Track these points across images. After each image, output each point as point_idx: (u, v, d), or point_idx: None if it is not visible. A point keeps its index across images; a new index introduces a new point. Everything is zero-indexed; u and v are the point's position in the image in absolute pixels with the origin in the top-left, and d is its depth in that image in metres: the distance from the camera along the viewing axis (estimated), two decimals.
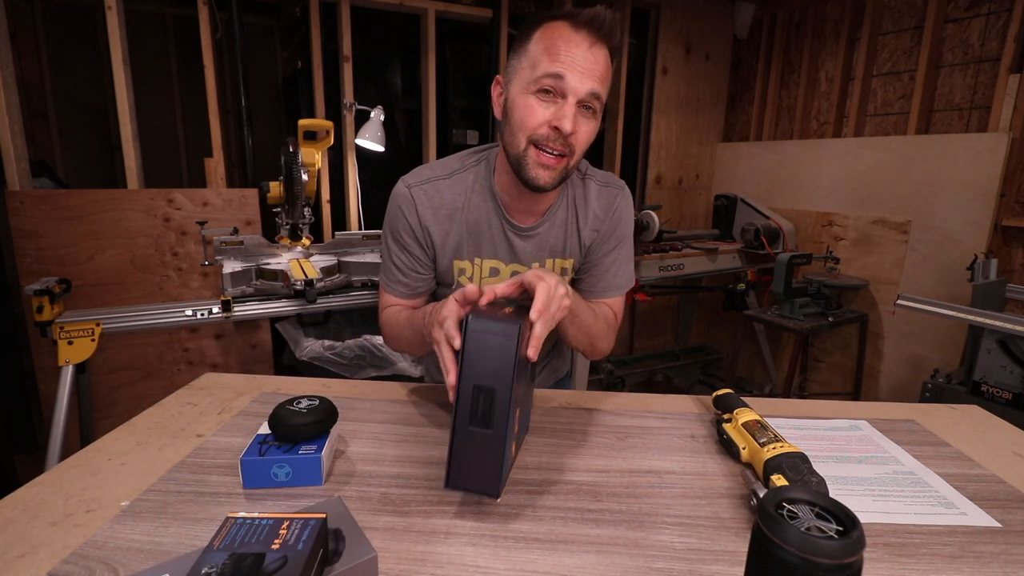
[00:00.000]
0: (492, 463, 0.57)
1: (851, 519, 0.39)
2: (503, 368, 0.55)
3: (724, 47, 3.18)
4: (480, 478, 0.57)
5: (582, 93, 0.74)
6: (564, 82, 0.74)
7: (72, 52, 2.90)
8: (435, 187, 0.89)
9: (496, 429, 0.56)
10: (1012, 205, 2.10)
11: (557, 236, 0.93)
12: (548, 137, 0.77)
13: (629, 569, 0.53)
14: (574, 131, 0.76)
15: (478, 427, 0.56)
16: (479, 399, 0.56)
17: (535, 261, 0.93)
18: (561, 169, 0.80)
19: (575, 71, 0.73)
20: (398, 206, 0.90)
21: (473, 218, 0.90)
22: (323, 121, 1.94)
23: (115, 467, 0.68)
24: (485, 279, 0.93)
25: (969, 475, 0.72)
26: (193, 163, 3.30)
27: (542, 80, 0.74)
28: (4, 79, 1.81)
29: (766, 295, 2.87)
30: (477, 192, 0.90)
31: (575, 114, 0.75)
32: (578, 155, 0.80)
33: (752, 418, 0.73)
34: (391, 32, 2.65)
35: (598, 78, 0.74)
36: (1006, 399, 1.75)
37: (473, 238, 0.91)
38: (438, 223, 0.90)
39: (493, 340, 0.56)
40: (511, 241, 0.91)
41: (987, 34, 2.16)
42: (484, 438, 0.56)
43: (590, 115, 0.77)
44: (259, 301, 1.68)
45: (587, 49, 0.74)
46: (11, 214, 1.82)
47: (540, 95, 0.76)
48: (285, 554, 0.43)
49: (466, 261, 0.92)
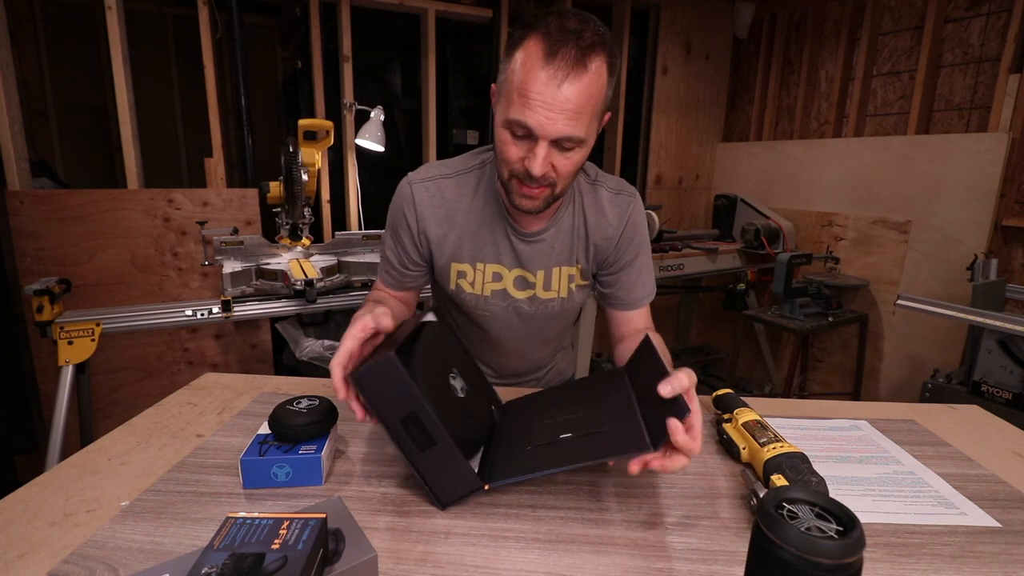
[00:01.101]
0: (459, 466, 0.60)
1: (851, 519, 0.39)
2: (408, 394, 0.58)
3: (724, 47, 3.18)
4: (460, 483, 0.61)
5: (552, 137, 0.71)
6: (532, 130, 0.71)
7: (72, 52, 2.90)
8: (437, 186, 0.89)
9: (440, 443, 0.59)
10: (1012, 205, 2.10)
11: (564, 243, 0.91)
12: (524, 174, 0.75)
13: (629, 569, 0.53)
14: (544, 173, 0.74)
15: (426, 448, 0.59)
16: (410, 428, 0.59)
17: (540, 268, 0.91)
18: (545, 197, 0.78)
19: (545, 116, 0.69)
20: (399, 202, 0.90)
21: (476, 220, 0.89)
22: (323, 121, 1.94)
23: (115, 467, 0.68)
24: (487, 283, 0.92)
25: (969, 475, 0.72)
26: (193, 163, 3.30)
27: (511, 125, 0.73)
28: (4, 79, 1.81)
29: (766, 295, 2.87)
30: (481, 195, 0.89)
31: (546, 155, 0.72)
32: (563, 183, 0.78)
33: (752, 418, 0.73)
34: (391, 32, 2.65)
35: (573, 117, 0.70)
36: (1006, 399, 1.75)
37: (475, 241, 0.90)
38: (437, 222, 0.89)
39: (382, 380, 0.58)
40: (515, 246, 0.90)
41: (987, 34, 2.16)
42: (438, 453, 0.59)
43: (568, 150, 0.74)
44: (259, 301, 1.68)
45: (557, 88, 0.68)
46: (11, 214, 1.82)
47: (513, 135, 0.74)
48: (285, 554, 0.43)
49: (466, 264, 0.91)
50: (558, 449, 0.63)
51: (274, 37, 3.34)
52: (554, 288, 0.93)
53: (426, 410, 0.58)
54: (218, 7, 2.12)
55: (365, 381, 0.59)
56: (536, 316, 0.95)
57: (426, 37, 2.48)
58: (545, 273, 0.92)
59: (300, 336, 1.98)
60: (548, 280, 0.92)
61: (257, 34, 3.19)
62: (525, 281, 0.92)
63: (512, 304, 0.93)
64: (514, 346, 1.00)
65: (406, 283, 0.96)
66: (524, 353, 1.02)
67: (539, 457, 0.62)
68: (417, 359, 0.63)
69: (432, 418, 0.58)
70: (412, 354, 0.63)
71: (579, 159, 0.76)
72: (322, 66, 2.34)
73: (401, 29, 2.64)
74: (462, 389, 0.70)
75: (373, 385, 0.58)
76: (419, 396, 0.58)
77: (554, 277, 0.92)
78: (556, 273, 0.92)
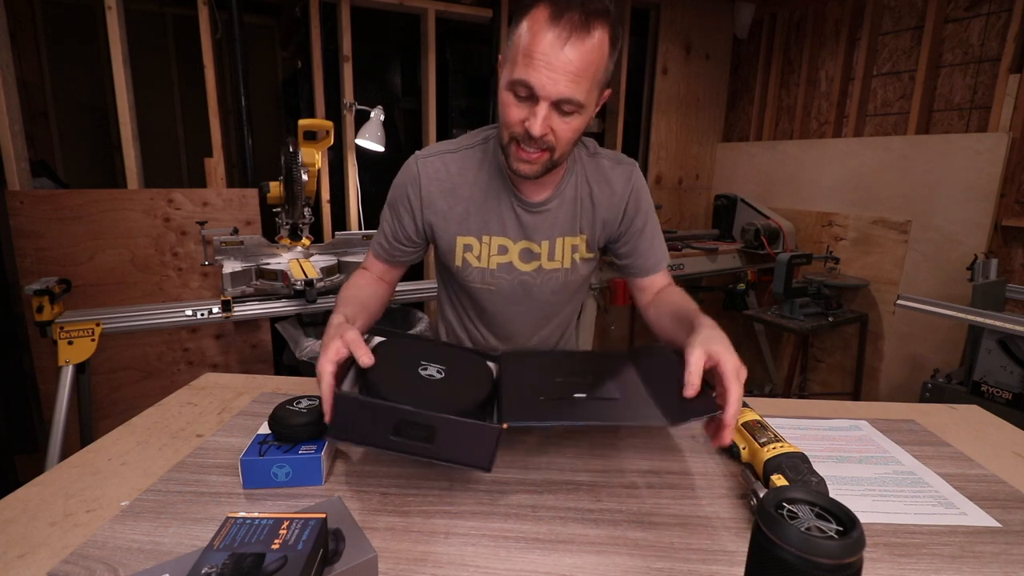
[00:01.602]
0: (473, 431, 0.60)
1: (851, 519, 0.39)
2: (382, 410, 0.59)
3: (724, 47, 3.18)
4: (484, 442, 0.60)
5: (553, 97, 0.73)
6: (534, 89, 0.73)
7: (72, 52, 2.90)
8: (442, 160, 0.92)
9: (439, 424, 0.59)
10: (1012, 205, 2.10)
11: (567, 213, 0.93)
12: (524, 137, 0.77)
13: (629, 569, 0.53)
14: (546, 133, 0.76)
15: (433, 439, 0.60)
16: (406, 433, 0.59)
17: (545, 239, 0.93)
18: (544, 162, 0.80)
19: (547, 76, 0.72)
20: (404, 178, 0.93)
21: (481, 193, 0.91)
22: (323, 121, 1.93)
23: (115, 467, 0.68)
24: (493, 256, 0.93)
25: (969, 475, 0.72)
26: (193, 163, 3.30)
27: (515, 85, 0.75)
28: (4, 79, 1.81)
29: (766, 295, 2.87)
30: (486, 169, 0.91)
31: (546, 116, 0.75)
32: (562, 148, 0.80)
33: (752, 418, 0.73)
34: (391, 32, 2.65)
35: (574, 79, 0.72)
36: (1006, 399, 1.75)
37: (480, 214, 0.91)
38: (442, 195, 0.91)
39: (362, 411, 0.60)
40: (520, 216, 0.91)
41: (987, 34, 2.16)
42: (445, 434, 0.60)
43: (569, 115, 0.76)
44: (259, 301, 1.68)
45: (562, 49, 0.71)
46: (11, 214, 1.82)
47: (516, 95, 0.76)
48: (285, 554, 0.43)
49: (472, 238, 0.92)
50: (573, 406, 0.64)
51: (274, 37, 3.34)
52: (557, 258, 0.94)
53: (404, 410, 0.59)
54: (218, 7, 2.12)
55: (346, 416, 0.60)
56: (541, 288, 0.96)
57: (426, 37, 2.48)
58: (549, 243, 0.93)
59: (300, 336, 1.97)
60: (552, 250, 0.94)
61: (257, 34, 3.19)
62: (530, 253, 0.94)
63: (517, 277, 0.95)
64: (520, 323, 1.00)
65: (395, 257, 0.98)
66: (529, 332, 1.02)
67: (554, 409, 0.64)
68: (376, 378, 0.65)
69: (417, 412, 0.59)
70: (368, 378, 0.65)
71: (578, 126, 0.78)
72: (322, 66, 2.34)
73: (401, 29, 2.65)
74: (439, 371, 0.72)
75: (354, 414, 0.60)
76: (391, 405, 0.59)
77: (558, 247, 0.94)
78: (560, 243, 0.94)
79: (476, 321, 1.02)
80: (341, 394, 0.60)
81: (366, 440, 0.60)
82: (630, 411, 0.64)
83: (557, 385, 0.71)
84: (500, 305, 0.98)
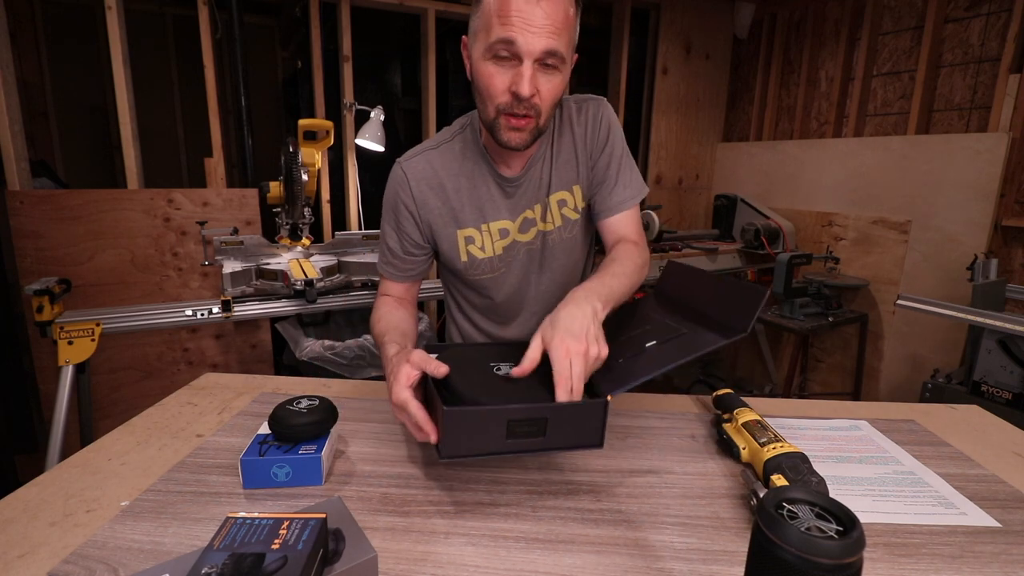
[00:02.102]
0: (579, 411, 0.61)
1: (851, 519, 0.39)
2: (492, 415, 0.59)
3: (724, 47, 3.18)
4: (592, 419, 0.62)
5: (537, 53, 0.72)
6: (516, 46, 0.72)
7: (72, 52, 2.90)
8: (425, 159, 0.91)
9: (550, 414, 0.60)
10: (1012, 205, 2.10)
11: (544, 171, 0.92)
12: (512, 104, 0.76)
13: (629, 569, 0.53)
14: (534, 93, 0.75)
15: (545, 431, 0.60)
16: (518, 432, 0.60)
17: (536, 203, 0.92)
18: (532, 128, 0.79)
19: (527, 32, 0.71)
20: (394, 185, 0.93)
21: (468, 183, 0.91)
22: (323, 121, 1.94)
23: (115, 467, 0.68)
24: (498, 242, 0.92)
25: (969, 475, 0.72)
26: (193, 163, 3.30)
27: (495, 46, 0.73)
28: (4, 79, 1.81)
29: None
30: (469, 158, 0.91)
31: (533, 75, 0.73)
32: (547, 112, 0.79)
33: (752, 418, 0.73)
34: (391, 32, 2.65)
35: (553, 32, 0.72)
36: (1006, 399, 1.74)
37: (474, 203, 0.91)
38: (433, 193, 0.91)
39: (474, 421, 0.59)
40: (508, 194, 0.91)
41: (987, 34, 2.16)
42: (554, 423, 0.60)
43: (552, 71, 0.75)
44: (259, 301, 1.68)
45: (537, 3, 0.70)
46: (11, 214, 1.82)
47: (497, 61, 0.75)
48: (285, 554, 0.43)
49: (472, 229, 0.92)
50: (652, 355, 0.66)
51: (274, 37, 3.34)
52: (550, 219, 0.94)
53: (516, 408, 0.59)
54: (218, 7, 2.12)
55: (461, 424, 0.59)
56: (544, 253, 0.95)
57: (426, 37, 2.48)
58: (541, 206, 0.93)
59: (300, 336, 1.97)
60: (545, 212, 0.93)
61: (257, 34, 3.19)
62: (527, 220, 0.93)
63: (524, 248, 0.95)
64: (534, 296, 0.98)
65: (409, 272, 0.96)
66: (546, 304, 0.99)
67: (639, 364, 0.65)
68: (463, 387, 0.64)
69: (528, 407, 0.59)
70: (454, 390, 0.64)
71: (560, 84, 0.77)
72: (322, 66, 2.34)
73: (401, 29, 2.65)
74: (511, 367, 0.70)
75: (458, 436, 0.59)
76: (502, 407, 0.59)
77: (551, 207, 0.93)
78: (552, 202, 0.93)
79: (489, 314, 1.01)
80: (451, 409, 0.57)
81: (481, 449, 0.59)
82: (704, 335, 0.66)
83: (623, 344, 0.71)
84: (514, 286, 0.96)
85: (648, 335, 0.70)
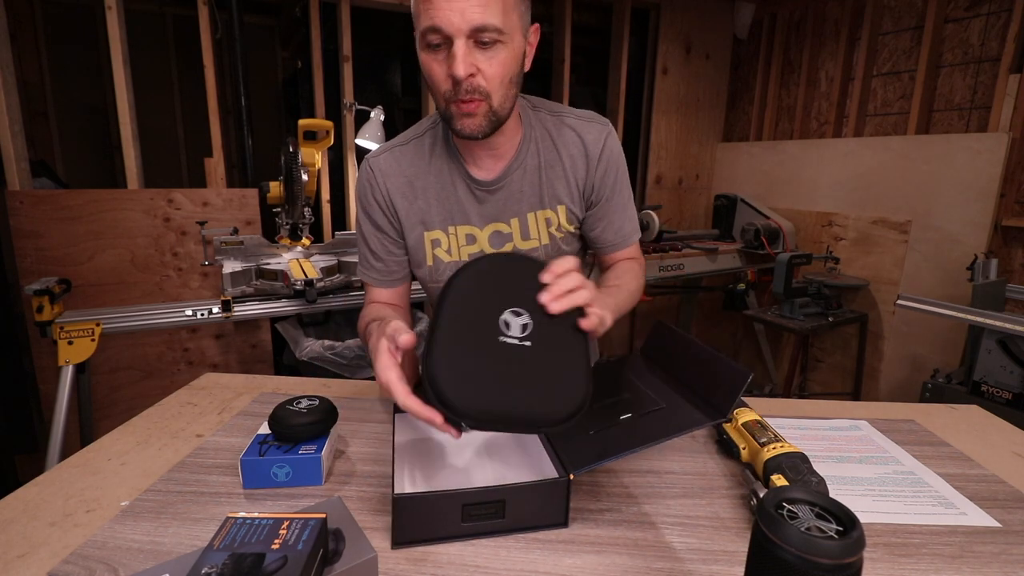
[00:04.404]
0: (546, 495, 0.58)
1: (851, 519, 0.39)
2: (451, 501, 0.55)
3: (724, 47, 3.18)
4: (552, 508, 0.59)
5: (464, 29, 0.67)
6: (443, 30, 0.68)
7: (72, 52, 2.90)
8: (393, 155, 0.87)
9: (508, 512, 0.57)
10: (1012, 205, 2.10)
11: (531, 183, 0.86)
12: (455, 90, 0.71)
13: (629, 569, 0.53)
14: (472, 72, 0.70)
15: (498, 517, 0.57)
16: (478, 512, 0.57)
17: (513, 216, 0.86)
18: (484, 112, 0.73)
19: (451, 12, 0.66)
20: (363, 183, 0.88)
21: (437, 183, 0.86)
22: (323, 121, 1.94)
23: (115, 467, 0.68)
24: (463, 247, 0.87)
25: (969, 475, 0.72)
26: (193, 163, 3.30)
27: (426, 35, 0.70)
28: (4, 79, 1.81)
29: (766, 295, 2.87)
30: (438, 155, 0.86)
31: (465, 54, 0.68)
32: (500, 93, 0.73)
33: (752, 418, 0.73)
34: (391, 32, 2.65)
35: (480, 4, 0.66)
36: (1006, 399, 1.74)
37: (442, 204, 0.86)
38: (400, 192, 0.86)
39: (426, 505, 0.55)
40: (480, 198, 0.86)
41: (987, 34, 2.16)
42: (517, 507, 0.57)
43: (492, 47, 0.70)
44: (259, 301, 1.68)
45: None
46: (11, 214, 1.82)
47: (432, 51, 0.71)
48: (285, 554, 0.43)
49: (438, 231, 0.87)
50: (624, 431, 0.61)
51: (274, 37, 3.33)
52: (533, 236, 0.87)
53: (468, 491, 0.55)
54: (218, 7, 2.12)
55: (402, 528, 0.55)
56: None
57: None
58: (520, 221, 0.86)
59: (300, 336, 1.97)
60: (525, 228, 0.87)
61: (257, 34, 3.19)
62: (500, 235, 0.87)
63: None
64: None
65: (394, 275, 0.91)
66: None
67: (610, 440, 0.60)
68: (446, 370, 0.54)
69: (482, 492, 0.55)
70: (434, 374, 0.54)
71: (505, 59, 0.71)
72: (322, 66, 2.34)
73: (401, 29, 2.65)
74: (522, 329, 0.57)
75: (410, 520, 0.55)
76: (454, 491, 0.55)
77: (531, 224, 0.87)
78: (532, 219, 0.87)
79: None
80: (399, 496, 0.54)
81: (435, 534, 0.56)
82: (681, 417, 0.61)
83: (600, 412, 0.66)
84: None
85: (624, 406, 0.66)
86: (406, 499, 0.54)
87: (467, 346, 0.55)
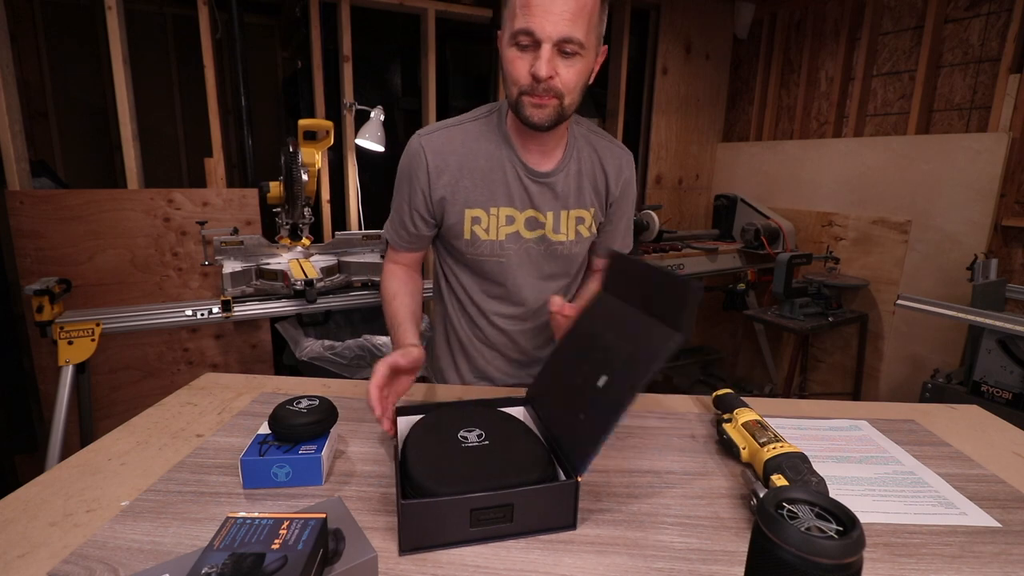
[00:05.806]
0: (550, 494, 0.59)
1: (851, 519, 0.39)
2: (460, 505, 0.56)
3: (724, 47, 3.18)
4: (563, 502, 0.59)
5: (554, 39, 0.77)
6: (535, 34, 0.77)
7: (72, 52, 2.90)
8: (445, 134, 0.93)
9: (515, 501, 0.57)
10: (1012, 205, 2.10)
11: (570, 186, 0.95)
12: (533, 86, 0.80)
13: (629, 569, 0.53)
14: (551, 75, 0.79)
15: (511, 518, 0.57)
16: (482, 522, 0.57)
17: (550, 210, 0.95)
18: (555, 107, 0.83)
19: (545, 20, 0.76)
20: (409, 158, 0.94)
21: (486, 165, 0.92)
22: (323, 121, 1.93)
23: (115, 467, 0.68)
24: (502, 227, 0.94)
25: (969, 475, 0.72)
26: (193, 163, 3.30)
27: (518, 35, 0.78)
28: (4, 79, 1.80)
29: (766, 295, 2.87)
30: (491, 140, 0.93)
31: (550, 58, 0.78)
32: (571, 96, 0.83)
33: (752, 418, 0.73)
34: (391, 32, 2.65)
35: (571, 19, 0.76)
36: (1006, 399, 1.74)
37: (487, 185, 0.92)
38: (448, 170, 0.92)
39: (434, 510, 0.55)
40: (525, 185, 0.93)
41: (987, 34, 2.16)
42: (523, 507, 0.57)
43: (571, 57, 0.79)
44: (259, 301, 1.67)
45: None
46: (11, 214, 1.81)
47: (519, 48, 0.80)
48: (285, 554, 0.43)
49: (479, 210, 0.93)
50: (607, 399, 0.61)
51: (274, 37, 3.34)
52: (563, 231, 0.97)
53: (477, 496, 0.55)
54: (218, 7, 2.11)
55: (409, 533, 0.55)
56: (546, 255, 0.98)
57: (426, 37, 2.48)
58: (554, 215, 0.95)
59: (300, 336, 1.97)
60: (557, 223, 0.96)
61: (257, 34, 3.19)
62: (536, 221, 0.95)
63: (523, 245, 0.96)
64: (527, 284, 0.99)
65: (414, 244, 0.99)
66: (539, 295, 1.00)
67: (598, 420, 0.61)
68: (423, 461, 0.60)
69: (490, 497, 0.55)
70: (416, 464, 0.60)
71: (581, 69, 0.81)
72: (322, 66, 2.34)
73: (401, 29, 2.64)
74: (478, 437, 0.66)
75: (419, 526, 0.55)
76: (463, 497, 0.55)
77: (563, 220, 0.96)
78: (564, 217, 0.96)
79: (484, 296, 1.01)
80: (407, 503, 0.54)
81: (443, 540, 0.55)
82: (645, 354, 0.60)
83: (581, 389, 0.67)
84: (509, 274, 0.97)
85: (597, 366, 0.66)
86: (413, 506, 0.54)
87: (435, 449, 0.64)
